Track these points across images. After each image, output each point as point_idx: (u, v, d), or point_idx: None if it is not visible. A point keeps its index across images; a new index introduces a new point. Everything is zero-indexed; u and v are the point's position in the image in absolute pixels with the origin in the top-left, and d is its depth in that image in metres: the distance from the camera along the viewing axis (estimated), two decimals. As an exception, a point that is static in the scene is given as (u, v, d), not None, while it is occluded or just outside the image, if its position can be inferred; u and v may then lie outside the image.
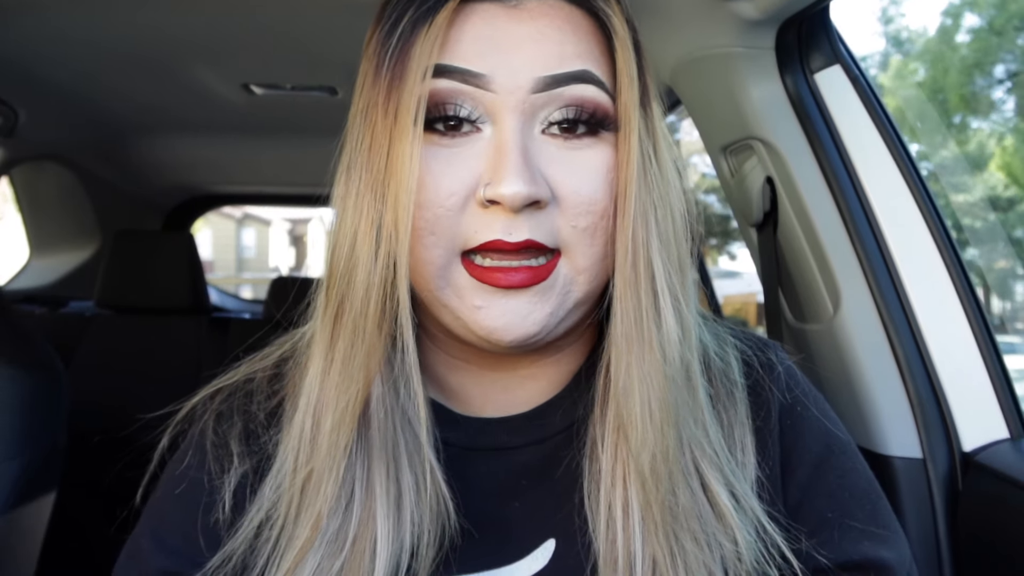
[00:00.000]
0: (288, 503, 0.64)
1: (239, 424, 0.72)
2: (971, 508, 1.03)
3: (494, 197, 0.58)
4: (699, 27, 1.17)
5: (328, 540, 0.62)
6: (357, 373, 0.62)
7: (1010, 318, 8.71)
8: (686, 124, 6.46)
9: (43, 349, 1.43)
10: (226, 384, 0.75)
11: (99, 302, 2.54)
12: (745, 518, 0.64)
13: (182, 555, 0.67)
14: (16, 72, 1.81)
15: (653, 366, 0.62)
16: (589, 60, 0.62)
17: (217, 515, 0.68)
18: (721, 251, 15.76)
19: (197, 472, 0.70)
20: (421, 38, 0.59)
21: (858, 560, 0.69)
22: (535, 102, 0.60)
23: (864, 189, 1.13)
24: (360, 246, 0.61)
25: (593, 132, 0.62)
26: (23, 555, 1.35)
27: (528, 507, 0.69)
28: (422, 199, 0.60)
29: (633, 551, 0.62)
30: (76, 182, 2.76)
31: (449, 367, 0.72)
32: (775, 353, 0.77)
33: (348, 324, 0.62)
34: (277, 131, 2.36)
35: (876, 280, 1.11)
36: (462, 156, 0.60)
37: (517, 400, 0.72)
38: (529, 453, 0.70)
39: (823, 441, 0.73)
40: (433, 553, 0.63)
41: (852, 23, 10.54)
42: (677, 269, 0.64)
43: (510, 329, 0.60)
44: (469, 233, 0.60)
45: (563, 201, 0.61)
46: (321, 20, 1.46)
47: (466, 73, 0.60)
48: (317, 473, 0.63)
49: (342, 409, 0.62)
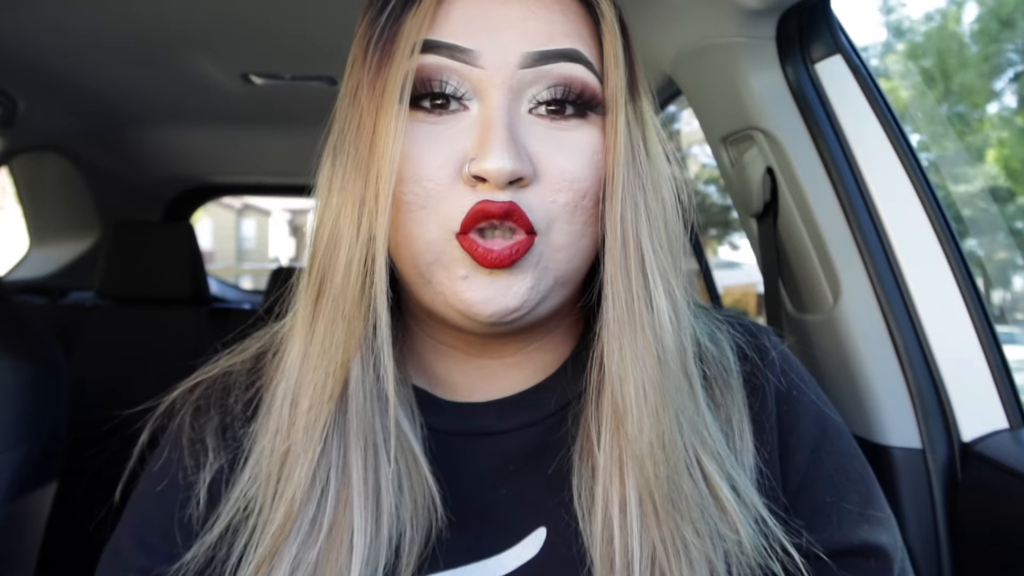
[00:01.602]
0: (264, 487, 0.63)
1: (216, 418, 0.71)
2: (970, 498, 1.03)
3: (479, 172, 0.58)
4: (700, 16, 1.17)
5: (303, 528, 0.61)
6: (336, 352, 0.61)
7: (1010, 308, 8.71)
8: (686, 114, 6.45)
9: (43, 339, 1.43)
10: (204, 378, 0.75)
11: (99, 292, 2.53)
12: (746, 510, 0.64)
13: (160, 553, 0.67)
14: (15, 62, 1.81)
15: (646, 348, 0.61)
16: (577, 40, 0.62)
17: (192, 511, 0.68)
18: (721, 241, 15.75)
19: (175, 468, 0.70)
20: (410, 16, 0.60)
21: (857, 544, 0.69)
22: (523, 78, 0.60)
23: (864, 179, 1.13)
24: (343, 223, 0.61)
25: (581, 114, 0.62)
26: (24, 544, 1.35)
27: (516, 493, 0.68)
28: (409, 173, 0.60)
29: (631, 549, 0.61)
30: (76, 172, 2.75)
31: (436, 353, 0.72)
32: (768, 338, 0.77)
33: (328, 303, 0.61)
34: (277, 121, 2.36)
35: (876, 270, 1.11)
36: (448, 133, 0.60)
37: (503, 387, 0.71)
38: (516, 438, 0.70)
39: (819, 424, 0.73)
40: (418, 549, 0.62)
41: (853, 13, 10.55)
42: (667, 253, 0.64)
43: (489, 302, 0.59)
44: (457, 207, 0.59)
45: (544, 176, 0.60)
46: (320, 9, 1.46)
47: (454, 48, 0.60)
48: (292, 454, 0.62)
49: (319, 388, 0.62)
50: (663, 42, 1.26)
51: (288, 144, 2.62)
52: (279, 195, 3.70)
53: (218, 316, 2.55)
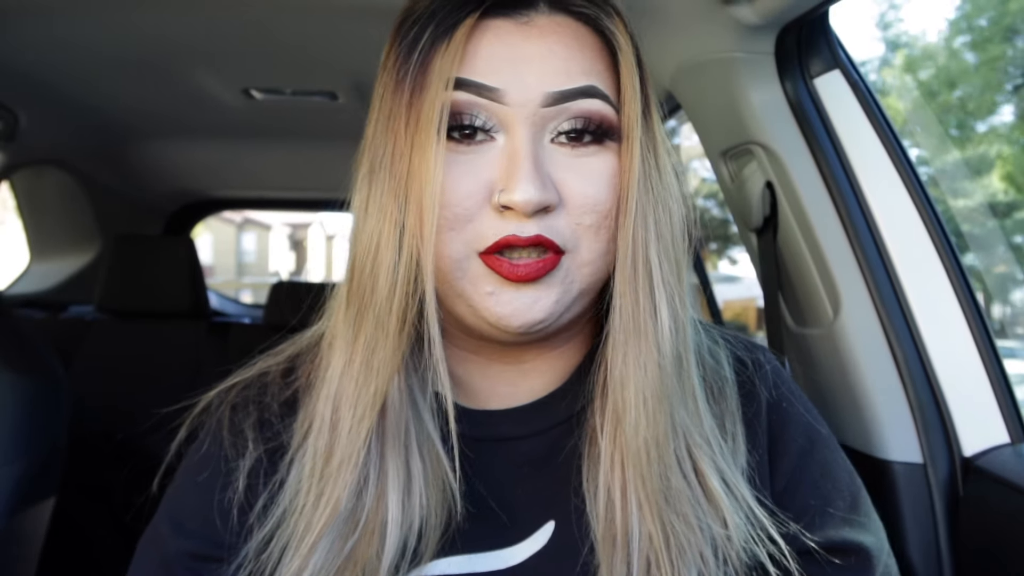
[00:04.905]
0: (307, 488, 0.68)
1: (254, 414, 0.76)
2: (972, 513, 1.03)
3: (508, 203, 0.62)
4: (699, 32, 1.18)
5: (342, 521, 0.66)
6: (381, 368, 0.66)
7: (1010, 322, 8.69)
8: (686, 129, 6.46)
9: (43, 353, 1.43)
10: (241, 378, 0.80)
11: (99, 306, 2.53)
12: (735, 503, 0.69)
13: (201, 537, 0.72)
14: (17, 77, 1.81)
15: (648, 357, 0.66)
16: (594, 76, 0.66)
17: (231, 495, 0.72)
18: (721, 256, 15.76)
19: (215, 459, 0.75)
20: (441, 52, 0.64)
21: (838, 542, 0.74)
22: (545, 115, 0.64)
23: (864, 194, 1.14)
24: (384, 247, 0.65)
25: (598, 141, 0.66)
26: (23, 560, 1.35)
27: (530, 493, 0.73)
28: (442, 200, 0.64)
29: (630, 527, 0.66)
30: (77, 187, 2.76)
31: (457, 360, 0.76)
32: (763, 354, 0.83)
33: (370, 321, 0.66)
34: (277, 136, 2.36)
35: (876, 284, 1.11)
36: (477, 162, 0.65)
37: (521, 393, 0.76)
38: (532, 443, 0.75)
39: (806, 435, 0.78)
40: (439, 535, 0.67)
41: (852, 28, 10.57)
42: (674, 268, 0.69)
43: (518, 315, 0.64)
44: (485, 232, 0.64)
45: (569, 202, 0.65)
46: (321, 25, 1.47)
47: (482, 87, 0.64)
48: (337, 460, 0.67)
49: (365, 402, 0.66)
50: (663, 57, 1.27)
51: (289, 158, 2.63)
52: (280, 209, 3.71)
53: (218, 330, 2.54)
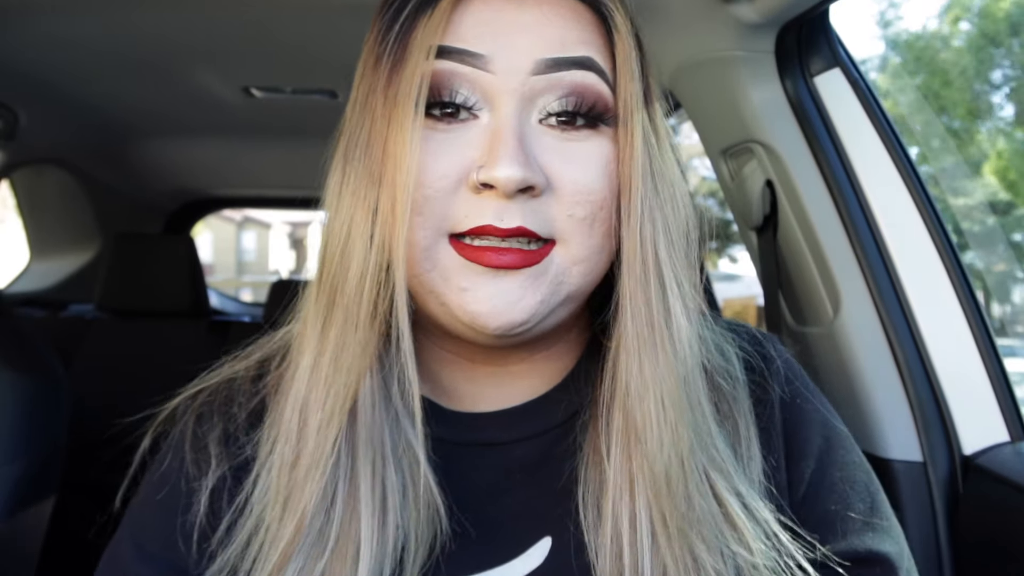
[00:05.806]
0: (274, 502, 0.62)
1: (219, 426, 0.70)
2: (972, 511, 1.03)
3: (487, 180, 0.57)
4: (699, 30, 1.17)
5: (311, 541, 0.60)
6: (350, 365, 0.60)
7: (1010, 321, 8.70)
8: (686, 127, 6.47)
9: (43, 352, 1.43)
10: (208, 384, 0.74)
11: (99, 305, 2.53)
12: (757, 526, 0.63)
13: (163, 561, 0.66)
14: (17, 75, 1.81)
15: (666, 366, 0.60)
16: (591, 49, 0.61)
17: (194, 518, 0.66)
18: (721, 254, 15.76)
19: (176, 476, 0.69)
20: (424, 22, 0.59)
21: (863, 553, 0.68)
22: (534, 85, 0.59)
23: (864, 192, 1.14)
24: (355, 233, 0.59)
25: (592, 125, 0.61)
26: (22, 559, 1.35)
27: (521, 504, 0.67)
28: (415, 180, 0.58)
29: (641, 567, 0.59)
30: (76, 185, 2.76)
31: (440, 361, 0.70)
32: (773, 346, 0.76)
33: (339, 314, 0.60)
34: (277, 134, 2.37)
35: (876, 283, 1.11)
36: (457, 141, 0.59)
37: (509, 397, 0.70)
38: (522, 448, 0.69)
39: (823, 434, 0.72)
40: (422, 559, 0.61)
41: (852, 26, 10.60)
42: (685, 266, 0.63)
43: (496, 315, 0.58)
44: (459, 217, 0.58)
45: (560, 190, 0.59)
46: (321, 23, 1.47)
47: (465, 53, 0.59)
48: (304, 467, 0.61)
49: (331, 403, 0.60)
50: (663, 56, 1.27)
51: (289, 157, 2.63)
52: (280, 207, 3.70)
53: (218, 329, 2.54)
